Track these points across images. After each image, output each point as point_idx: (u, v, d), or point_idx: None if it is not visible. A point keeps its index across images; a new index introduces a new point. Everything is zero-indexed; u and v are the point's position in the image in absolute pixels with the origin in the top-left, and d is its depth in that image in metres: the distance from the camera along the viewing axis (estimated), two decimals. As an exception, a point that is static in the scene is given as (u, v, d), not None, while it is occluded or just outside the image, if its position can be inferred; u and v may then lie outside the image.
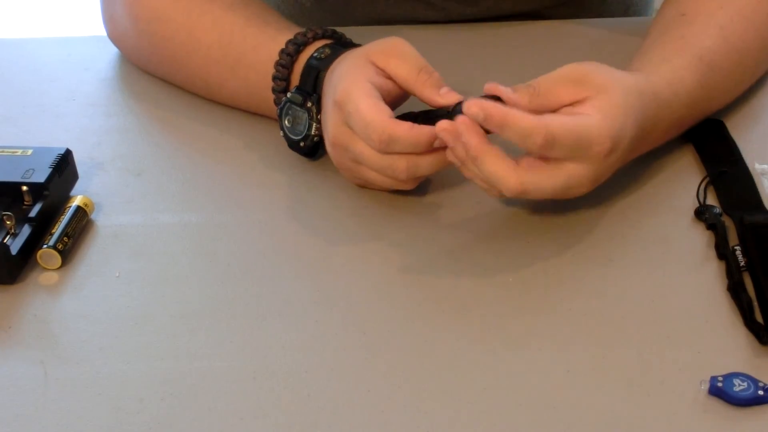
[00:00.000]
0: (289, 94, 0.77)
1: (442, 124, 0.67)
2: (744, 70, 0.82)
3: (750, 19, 0.81)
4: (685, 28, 0.80)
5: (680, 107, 0.75)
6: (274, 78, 0.79)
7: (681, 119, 0.77)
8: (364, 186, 0.76)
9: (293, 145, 0.79)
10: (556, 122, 0.66)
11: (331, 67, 0.76)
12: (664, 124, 0.74)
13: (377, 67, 0.73)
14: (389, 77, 0.73)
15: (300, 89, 0.77)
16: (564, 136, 0.66)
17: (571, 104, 0.69)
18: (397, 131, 0.69)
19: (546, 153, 0.66)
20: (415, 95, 0.73)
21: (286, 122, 0.78)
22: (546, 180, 0.67)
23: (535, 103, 0.68)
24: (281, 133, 0.79)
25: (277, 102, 0.79)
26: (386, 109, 0.70)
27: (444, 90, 0.71)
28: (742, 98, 0.85)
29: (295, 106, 0.77)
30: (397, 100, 0.75)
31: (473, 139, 0.66)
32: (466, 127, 0.66)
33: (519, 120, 0.65)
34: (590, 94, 0.68)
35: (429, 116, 0.71)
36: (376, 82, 0.72)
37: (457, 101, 0.70)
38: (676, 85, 0.75)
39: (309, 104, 0.76)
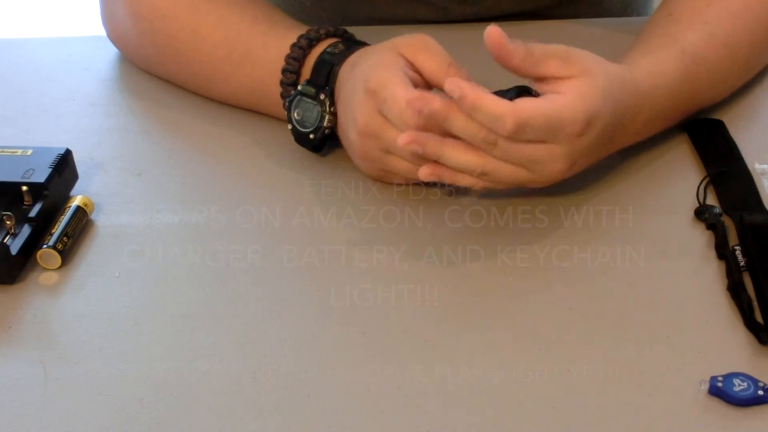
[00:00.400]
0: (300, 87, 0.77)
1: (403, 138, 0.67)
2: (733, 65, 0.82)
3: (738, 15, 0.81)
4: (671, 25, 0.81)
5: (662, 99, 0.76)
6: (284, 71, 0.78)
7: (664, 111, 0.77)
8: (383, 179, 0.76)
9: (301, 137, 0.78)
10: (527, 107, 0.66)
11: (348, 61, 0.76)
12: (645, 114, 0.75)
13: (406, 59, 0.73)
14: (416, 71, 0.73)
15: (311, 82, 0.77)
16: (534, 120, 0.66)
17: (555, 79, 0.69)
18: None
19: (517, 137, 0.67)
20: (443, 89, 0.73)
21: (296, 115, 0.78)
22: (516, 148, 0.68)
23: (527, 63, 0.68)
24: (289, 126, 0.78)
25: (284, 95, 0.79)
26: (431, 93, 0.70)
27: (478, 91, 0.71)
28: (742, 98, 0.85)
29: (306, 99, 0.77)
30: None
31: (436, 104, 0.66)
32: (430, 100, 0.66)
33: (490, 104, 0.66)
34: (574, 74, 0.69)
35: None
36: (408, 75, 0.72)
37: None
38: (657, 77, 0.75)
39: (322, 96, 0.76)
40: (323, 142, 0.78)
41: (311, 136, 0.78)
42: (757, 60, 0.85)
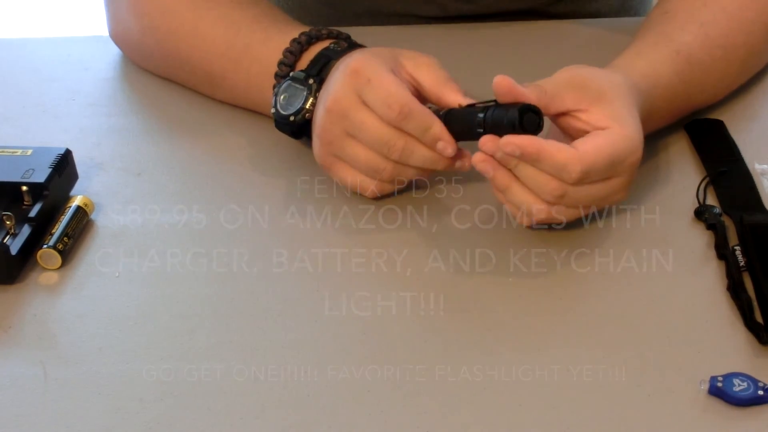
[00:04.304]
0: (292, 74, 0.77)
1: (479, 155, 0.67)
2: (728, 66, 0.82)
3: (734, 16, 0.81)
4: (666, 24, 0.81)
5: (658, 99, 0.76)
6: (280, 63, 0.78)
7: (661, 111, 0.77)
8: (330, 170, 0.75)
9: (282, 120, 0.77)
10: (590, 151, 0.66)
11: (346, 55, 0.75)
12: (643, 114, 0.75)
13: (406, 70, 0.73)
14: (413, 83, 0.73)
15: (304, 71, 0.77)
16: (598, 162, 0.66)
17: (574, 110, 0.69)
18: (417, 108, 0.69)
19: (584, 182, 0.67)
20: (438, 100, 0.73)
21: (281, 99, 0.77)
22: (585, 189, 0.68)
23: (543, 102, 0.68)
24: (272, 110, 0.77)
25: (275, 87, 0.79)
26: (408, 89, 0.70)
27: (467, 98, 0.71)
28: (742, 98, 0.85)
29: (295, 84, 0.76)
30: None
31: (509, 149, 0.66)
32: (502, 145, 0.66)
33: (555, 153, 0.65)
34: (592, 101, 0.69)
35: (448, 118, 0.71)
36: (399, 76, 0.72)
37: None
38: (651, 78, 0.76)
39: (311, 81, 0.76)
40: (302, 129, 0.77)
41: (291, 118, 0.76)
42: (753, 61, 0.85)
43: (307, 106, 0.76)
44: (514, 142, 0.65)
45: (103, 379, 0.63)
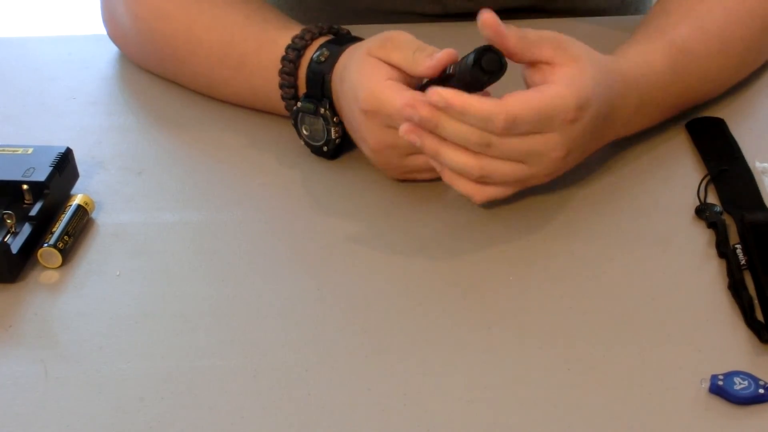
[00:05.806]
0: (299, 103, 0.78)
1: (404, 128, 0.68)
2: (726, 59, 0.82)
3: (731, 9, 0.82)
4: (662, 18, 0.82)
5: (650, 88, 0.76)
6: (281, 86, 0.79)
7: (654, 101, 0.77)
8: (408, 179, 0.76)
9: (317, 150, 0.79)
10: (516, 102, 0.67)
11: (337, 70, 0.76)
12: (633, 103, 0.75)
13: (382, 62, 0.73)
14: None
15: (309, 96, 0.77)
16: (524, 113, 0.67)
17: (545, 63, 0.69)
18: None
19: (510, 133, 0.67)
20: (414, 76, 0.72)
21: (304, 131, 0.79)
22: (513, 141, 0.68)
23: (521, 46, 0.69)
24: (302, 142, 0.79)
25: (288, 108, 0.79)
26: (420, 95, 0.70)
27: (437, 55, 0.71)
28: (743, 96, 0.85)
29: (308, 115, 0.77)
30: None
31: (425, 111, 0.67)
32: (418, 107, 0.67)
33: (478, 106, 0.66)
34: (563, 61, 0.69)
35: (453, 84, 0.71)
36: (393, 76, 0.72)
37: (454, 57, 0.70)
38: (643, 66, 0.76)
39: (322, 110, 0.77)
40: (338, 150, 0.79)
41: (324, 149, 0.79)
42: (752, 55, 0.85)
43: (333, 137, 0.77)
44: (439, 92, 0.66)
45: (103, 377, 0.63)
